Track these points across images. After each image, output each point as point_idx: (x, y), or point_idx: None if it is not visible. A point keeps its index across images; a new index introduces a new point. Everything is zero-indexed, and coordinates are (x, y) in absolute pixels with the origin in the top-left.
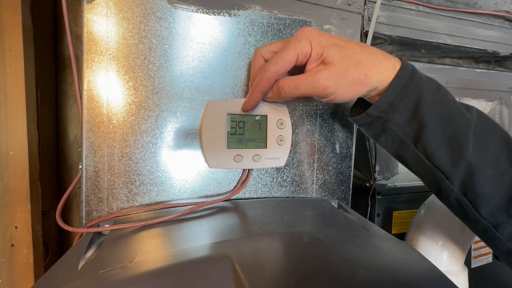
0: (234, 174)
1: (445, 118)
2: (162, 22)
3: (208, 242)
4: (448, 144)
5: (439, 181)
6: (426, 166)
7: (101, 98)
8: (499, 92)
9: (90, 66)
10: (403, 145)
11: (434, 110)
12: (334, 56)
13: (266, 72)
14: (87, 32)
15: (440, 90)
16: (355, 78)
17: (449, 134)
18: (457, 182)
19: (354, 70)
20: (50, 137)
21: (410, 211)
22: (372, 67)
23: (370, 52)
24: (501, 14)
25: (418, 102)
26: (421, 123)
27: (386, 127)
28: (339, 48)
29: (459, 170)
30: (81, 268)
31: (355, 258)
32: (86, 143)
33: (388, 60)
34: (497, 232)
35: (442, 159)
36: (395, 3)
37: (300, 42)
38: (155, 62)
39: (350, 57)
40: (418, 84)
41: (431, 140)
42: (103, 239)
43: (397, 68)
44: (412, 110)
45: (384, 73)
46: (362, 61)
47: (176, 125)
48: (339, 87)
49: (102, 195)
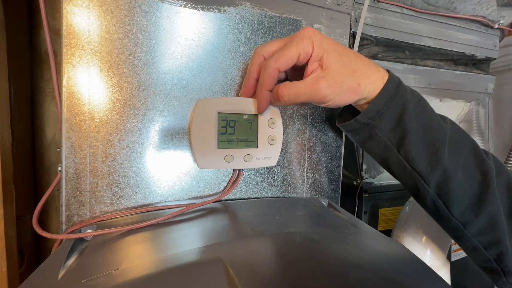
0: (224, 174)
1: (425, 127)
2: (148, 16)
3: (199, 246)
4: (427, 151)
5: (417, 184)
6: (406, 170)
7: (82, 96)
8: (476, 93)
9: (70, 61)
10: (387, 150)
11: (416, 120)
12: (333, 63)
13: (267, 70)
14: (67, 24)
15: (421, 101)
16: (350, 87)
17: (428, 142)
18: (433, 185)
19: (350, 78)
20: (26, 137)
21: (395, 208)
22: (365, 76)
23: (363, 62)
24: (477, 19)
25: (402, 111)
26: (404, 131)
27: (373, 133)
28: (338, 54)
29: (436, 174)
30: (61, 278)
31: (348, 256)
32: (66, 143)
33: (378, 71)
34: (465, 229)
35: (421, 164)
36: (381, 5)
37: (303, 41)
38: (141, 58)
39: (347, 65)
40: (403, 95)
41: (412, 147)
42: (85, 245)
43: (385, 79)
44: (396, 118)
45: (374, 84)
46: (357, 70)
47: (163, 124)
48: (336, 95)
49: (84, 198)
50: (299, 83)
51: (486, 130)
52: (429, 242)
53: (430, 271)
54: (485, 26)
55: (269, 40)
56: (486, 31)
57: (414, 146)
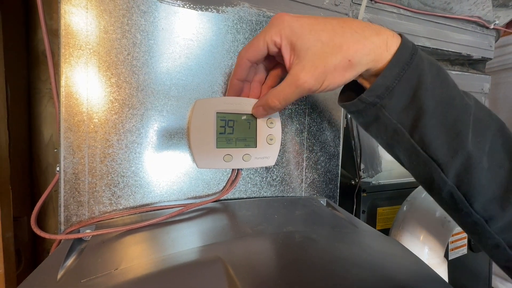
0: (223, 174)
1: (445, 105)
2: (146, 16)
3: (199, 245)
4: (448, 133)
5: (432, 173)
6: (420, 157)
7: (80, 96)
8: (472, 93)
9: (68, 61)
10: (396, 134)
11: (435, 96)
12: (308, 47)
13: (238, 60)
14: (65, 24)
15: (441, 73)
16: (337, 66)
17: (449, 123)
18: (452, 175)
19: (335, 57)
20: (22, 137)
21: (393, 207)
22: (357, 49)
23: (354, 29)
24: (473, 20)
25: (418, 86)
26: (420, 110)
27: (380, 114)
28: (315, 34)
29: (456, 162)
30: (60, 278)
31: (347, 255)
32: (64, 144)
33: (379, 35)
34: (488, 225)
35: (440, 150)
36: (378, 6)
37: (269, 31)
38: (139, 58)
39: (327, 43)
40: (418, 65)
41: (429, 129)
42: (84, 245)
43: (391, 45)
44: (410, 95)
45: (373, 52)
46: (344, 43)
47: (162, 124)
48: (323, 80)
49: (83, 198)
50: (282, 85)
51: None
52: (426, 240)
53: (428, 269)
54: (481, 26)
55: None
56: (482, 32)
57: (431, 129)
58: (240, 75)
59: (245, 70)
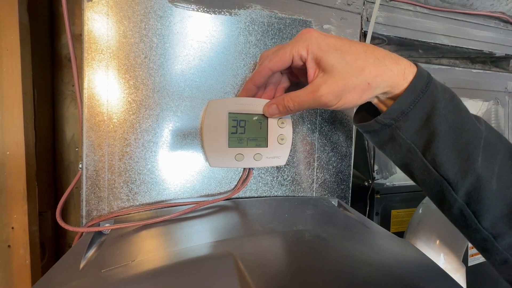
0: (235, 173)
1: (457, 129)
2: (162, 20)
3: (211, 241)
4: (458, 155)
5: (443, 191)
6: (432, 175)
7: (101, 97)
8: (494, 92)
9: (91, 64)
10: (410, 153)
11: (447, 120)
12: (333, 64)
13: (259, 66)
14: (87, 30)
15: (454, 99)
16: (356, 87)
17: (460, 146)
18: (462, 193)
19: (356, 78)
20: (47, 137)
21: (408, 210)
22: (377, 74)
23: (377, 56)
24: (496, 15)
25: (431, 111)
26: (432, 133)
27: (395, 134)
28: (340, 54)
29: (466, 182)
30: (82, 268)
31: (358, 255)
32: (87, 142)
33: (398, 64)
34: (496, 242)
35: (451, 170)
36: (393, 4)
37: (297, 44)
38: (155, 61)
39: (351, 64)
40: (432, 92)
41: (441, 151)
42: (104, 238)
43: (408, 74)
44: (424, 118)
45: (391, 79)
46: (366, 67)
47: (177, 124)
48: (340, 97)
49: (103, 194)
50: (301, 91)
51: (506, 129)
52: (443, 245)
53: (443, 273)
54: (505, 22)
55: (278, 41)
56: (506, 28)
57: (443, 150)
58: (258, 81)
59: (264, 77)
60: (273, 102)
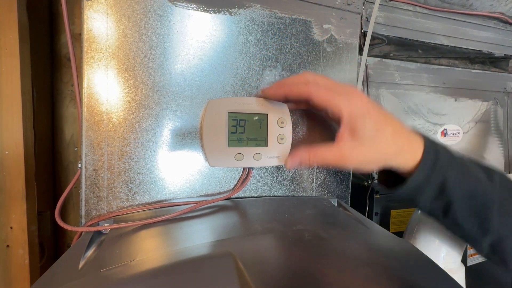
0: (235, 173)
1: (470, 196)
2: (162, 20)
3: (210, 240)
4: (475, 217)
5: (469, 242)
6: (456, 232)
7: (101, 96)
8: (494, 92)
9: (90, 64)
10: (431, 215)
11: (460, 189)
12: (366, 137)
13: (304, 87)
14: (87, 29)
15: (463, 168)
16: (374, 161)
17: (475, 209)
18: (486, 246)
19: (376, 155)
20: (46, 136)
21: (408, 210)
22: (392, 158)
23: (396, 141)
24: (495, 16)
25: (443, 184)
26: (448, 201)
27: (415, 201)
28: (376, 131)
29: (488, 238)
30: (82, 267)
31: (357, 255)
32: (86, 142)
33: (411, 144)
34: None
35: (471, 230)
36: (392, 4)
37: (341, 100)
38: (155, 60)
39: (379, 143)
40: (441, 167)
41: (459, 214)
42: (103, 238)
43: (418, 153)
44: (438, 190)
45: (403, 162)
46: (386, 150)
47: (176, 124)
48: (361, 167)
49: (102, 194)
50: (327, 152)
51: (505, 130)
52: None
53: (442, 272)
54: (504, 22)
55: (278, 41)
56: (505, 28)
57: (460, 215)
58: (292, 97)
59: (299, 98)
60: (297, 157)
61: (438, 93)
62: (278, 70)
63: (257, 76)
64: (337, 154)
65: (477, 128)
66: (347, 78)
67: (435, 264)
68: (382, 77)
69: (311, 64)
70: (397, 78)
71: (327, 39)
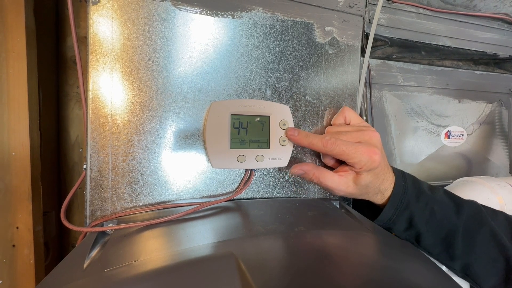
0: (237, 174)
1: (435, 227)
2: (166, 23)
3: (213, 241)
4: (442, 245)
5: (445, 266)
6: (432, 257)
7: (105, 99)
8: (498, 94)
9: (95, 67)
10: (408, 241)
11: (425, 222)
12: (361, 183)
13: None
14: (93, 33)
15: (429, 205)
16: (358, 196)
17: (441, 238)
18: (458, 269)
19: (361, 194)
20: (52, 137)
21: None
22: (371, 196)
23: (379, 187)
24: (500, 17)
25: (411, 217)
26: (417, 232)
27: (390, 230)
28: (370, 178)
29: (457, 263)
30: (86, 267)
31: (359, 257)
32: (91, 143)
33: (391, 184)
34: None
35: (441, 255)
36: (395, 6)
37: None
38: (159, 63)
39: (366, 188)
40: (407, 206)
41: (428, 243)
42: (107, 238)
43: (388, 191)
44: (407, 222)
45: (377, 198)
46: (370, 192)
47: (179, 126)
48: (345, 195)
49: (106, 194)
50: (330, 178)
51: (510, 132)
52: None
53: (444, 275)
54: (508, 23)
55: (281, 43)
56: (510, 29)
57: (429, 243)
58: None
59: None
60: (303, 170)
61: (441, 95)
62: (280, 73)
63: (259, 78)
64: (335, 184)
65: (482, 129)
66: (349, 80)
67: (437, 267)
68: (385, 79)
69: (313, 66)
70: (400, 79)
71: (329, 41)
